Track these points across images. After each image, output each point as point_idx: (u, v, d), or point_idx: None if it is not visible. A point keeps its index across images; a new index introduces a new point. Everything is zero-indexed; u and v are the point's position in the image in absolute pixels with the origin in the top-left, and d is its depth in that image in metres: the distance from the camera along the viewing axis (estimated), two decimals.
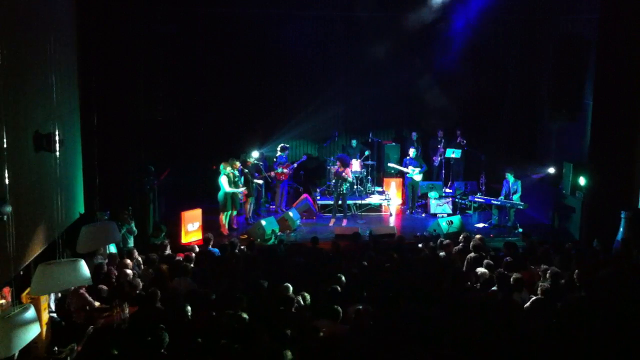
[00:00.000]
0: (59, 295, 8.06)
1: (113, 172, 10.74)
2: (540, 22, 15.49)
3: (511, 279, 8.10)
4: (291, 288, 7.69)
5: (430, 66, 15.41)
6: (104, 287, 8.25)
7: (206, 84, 15.89)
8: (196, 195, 14.29)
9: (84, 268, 6.16)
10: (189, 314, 6.86)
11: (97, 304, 7.85)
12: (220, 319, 6.87)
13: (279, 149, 14.83)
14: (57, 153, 8.35)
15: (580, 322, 6.72)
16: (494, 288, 8.08)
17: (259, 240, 12.02)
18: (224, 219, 12.99)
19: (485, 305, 7.21)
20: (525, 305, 7.58)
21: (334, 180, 14.35)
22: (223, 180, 12.70)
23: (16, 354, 5.55)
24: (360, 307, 7.22)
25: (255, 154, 13.82)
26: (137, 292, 7.99)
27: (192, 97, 15.75)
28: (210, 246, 10.37)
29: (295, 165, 15.12)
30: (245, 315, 6.64)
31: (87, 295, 7.75)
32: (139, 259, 9.50)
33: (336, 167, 14.08)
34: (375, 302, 7.49)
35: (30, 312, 5.06)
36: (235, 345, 5.87)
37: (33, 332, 5.01)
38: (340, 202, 14.09)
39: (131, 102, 11.04)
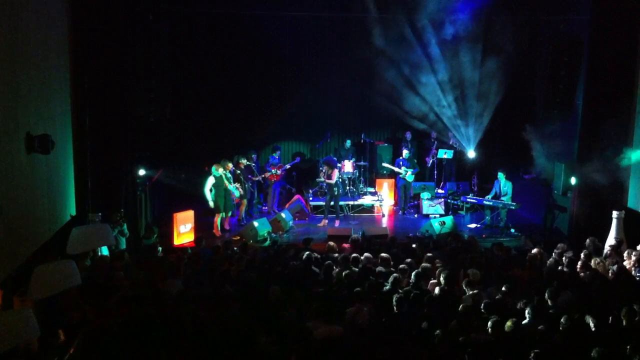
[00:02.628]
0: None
1: (105, 173, 10.69)
2: (533, 22, 15.52)
3: (503, 278, 8.14)
4: (279, 290, 7.70)
5: (423, 67, 15.40)
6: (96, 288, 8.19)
7: (199, 85, 15.84)
8: (189, 196, 14.26)
9: (75, 269, 6.15)
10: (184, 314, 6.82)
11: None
12: (215, 320, 6.84)
13: (271, 150, 14.81)
14: (49, 155, 8.33)
15: (573, 321, 6.74)
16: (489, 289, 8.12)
17: (251, 241, 12.00)
18: (219, 220, 12.98)
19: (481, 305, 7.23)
20: (518, 305, 7.60)
21: (325, 183, 14.34)
22: (208, 181, 12.72)
23: None
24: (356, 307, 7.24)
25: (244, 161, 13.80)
26: (129, 293, 7.95)
27: (184, 99, 15.69)
28: (202, 247, 10.32)
29: (289, 166, 15.11)
30: (239, 317, 6.63)
31: (79, 296, 7.69)
32: (130, 261, 9.45)
33: (323, 170, 14.04)
34: (370, 303, 7.49)
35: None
36: (232, 348, 5.85)
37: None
38: (332, 203, 14.08)
39: (123, 103, 10.98)
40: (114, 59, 10.63)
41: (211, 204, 12.88)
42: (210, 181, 12.73)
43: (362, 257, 9.26)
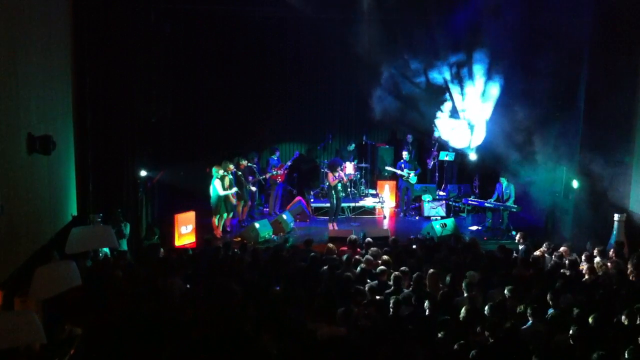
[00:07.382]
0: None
1: (106, 174, 10.70)
2: (535, 22, 15.48)
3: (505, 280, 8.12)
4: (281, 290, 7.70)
5: (425, 68, 15.37)
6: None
7: (200, 86, 15.84)
8: (190, 197, 14.25)
9: (75, 269, 6.15)
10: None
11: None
12: (216, 319, 6.84)
13: (269, 152, 14.79)
14: (50, 155, 8.32)
15: (575, 324, 6.72)
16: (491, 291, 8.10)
17: (252, 242, 11.99)
18: (216, 221, 12.95)
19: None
20: (519, 308, 7.57)
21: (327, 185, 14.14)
22: (216, 184, 12.66)
23: None
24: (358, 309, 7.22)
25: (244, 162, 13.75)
26: (129, 293, 7.95)
27: (186, 99, 15.71)
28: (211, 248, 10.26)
29: (290, 163, 15.07)
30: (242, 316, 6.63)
31: (79, 295, 7.68)
32: (131, 261, 9.45)
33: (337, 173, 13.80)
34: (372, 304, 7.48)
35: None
36: (234, 347, 5.85)
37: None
38: (329, 205, 13.95)
39: (124, 103, 10.99)
40: (115, 59, 10.64)
41: (213, 202, 12.84)
42: (218, 183, 12.65)
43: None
